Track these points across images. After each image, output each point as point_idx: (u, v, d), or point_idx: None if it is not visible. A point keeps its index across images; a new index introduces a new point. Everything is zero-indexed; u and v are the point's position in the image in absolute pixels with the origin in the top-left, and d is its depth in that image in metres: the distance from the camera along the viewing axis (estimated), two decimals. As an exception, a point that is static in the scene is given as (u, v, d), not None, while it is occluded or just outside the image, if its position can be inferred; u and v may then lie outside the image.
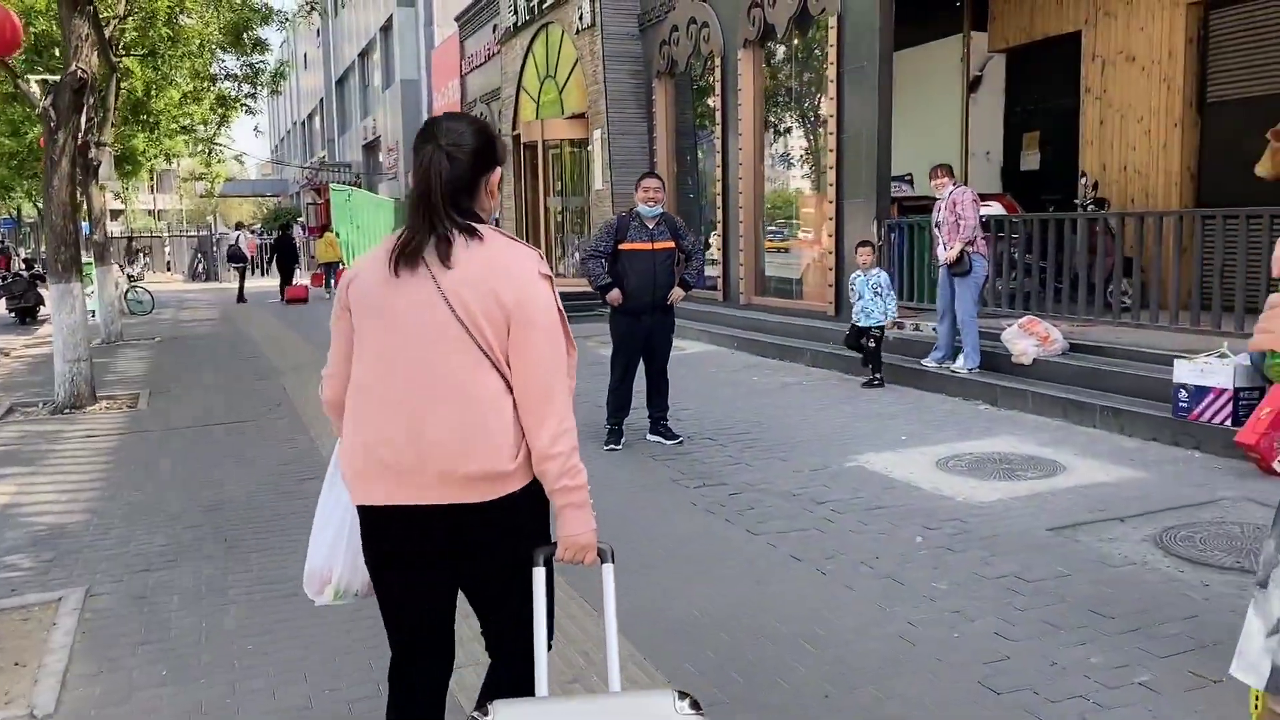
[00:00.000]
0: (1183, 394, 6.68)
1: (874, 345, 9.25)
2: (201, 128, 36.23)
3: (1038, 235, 9.37)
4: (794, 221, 13.80)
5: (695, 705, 2.03)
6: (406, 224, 2.27)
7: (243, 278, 25.60)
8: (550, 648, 2.38)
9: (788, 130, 14.12)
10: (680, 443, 7.25)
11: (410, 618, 2.44)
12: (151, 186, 64.69)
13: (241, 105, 27.65)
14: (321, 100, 55.13)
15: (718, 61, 13.93)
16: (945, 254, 8.80)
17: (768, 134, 13.87)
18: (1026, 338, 8.43)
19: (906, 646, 3.84)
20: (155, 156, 37.19)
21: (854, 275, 9.44)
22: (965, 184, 9.88)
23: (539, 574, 2.30)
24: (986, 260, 8.93)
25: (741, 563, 4.82)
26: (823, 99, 12.16)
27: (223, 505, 6.12)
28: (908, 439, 7.24)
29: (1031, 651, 3.75)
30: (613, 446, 7.12)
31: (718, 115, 14.04)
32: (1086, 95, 11.87)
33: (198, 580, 4.83)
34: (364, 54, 43.67)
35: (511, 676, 2.40)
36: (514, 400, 2.25)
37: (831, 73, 11.43)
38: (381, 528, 2.32)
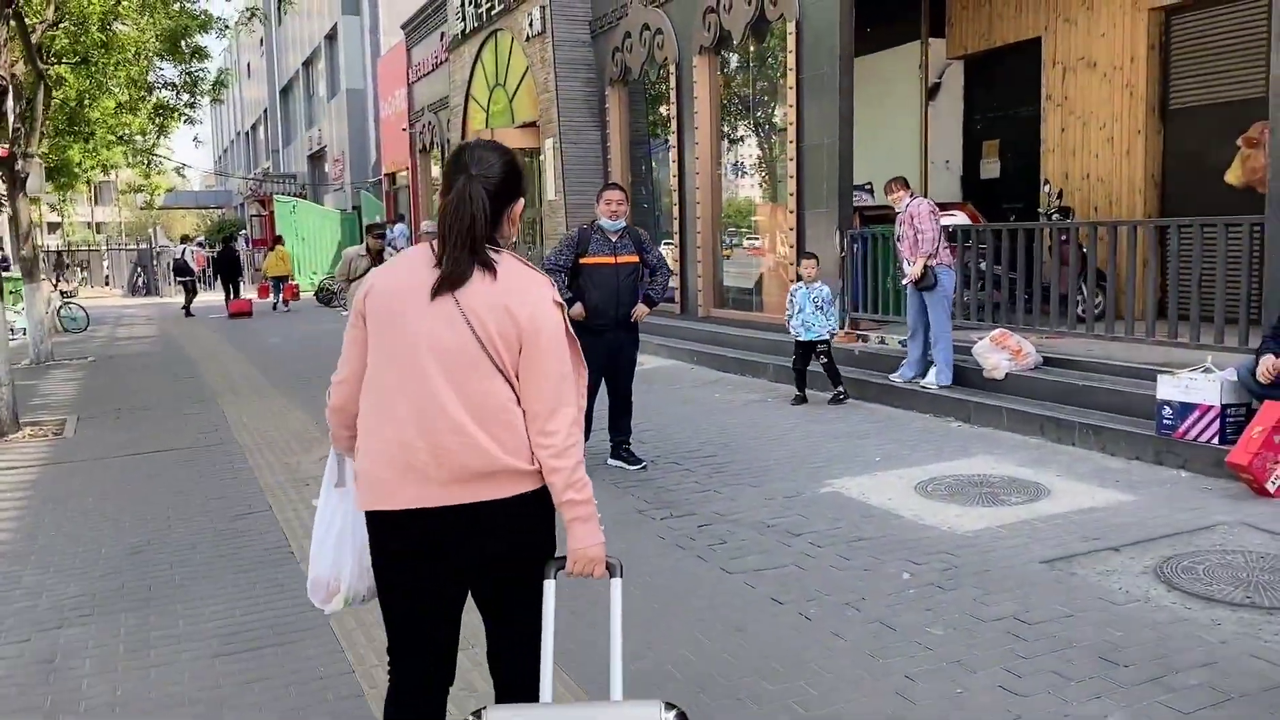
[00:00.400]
0: (1167, 411, 6.42)
1: (826, 360, 8.97)
2: (140, 138, 35.36)
3: (1006, 245, 9.11)
4: (753, 231, 13.50)
5: (682, 716, 2.10)
6: (446, 253, 2.35)
7: (192, 292, 24.89)
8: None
9: (745, 139, 13.83)
10: (644, 468, 6.86)
11: (415, 627, 2.47)
12: (90, 199, 63.03)
13: (181, 115, 26.91)
14: (266, 110, 54.15)
15: (672, 69, 13.60)
16: (909, 271, 8.50)
17: (724, 143, 13.56)
18: (998, 352, 8.16)
19: (906, 706, 3.47)
20: (92, 168, 36.19)
21: (795, 287, 9.15)
22: (925, 195, 9.60)
23: (549, 586, 2.38)
24: (954, 271, 8.65)
25: (718, 606, 4.44)
26: (781, 107, 11.88)
27: (149, 546, 5.62)
28: (882, 460, 6.91)
29: (1044, 709, 3.40)
30: None
31: (673, 124, 13.71)
32: (1047, 102, 11.69)
33: (115, 637, 4.35)
34: (308, 63, 42.88)
35: (509, 689, 2.52)
36: (524, 413, 2.37)
37: (790, 79, 11.14)
38: (397, 531, 2.38)
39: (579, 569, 2.39)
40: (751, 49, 12.76)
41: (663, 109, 14.39)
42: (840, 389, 8.95)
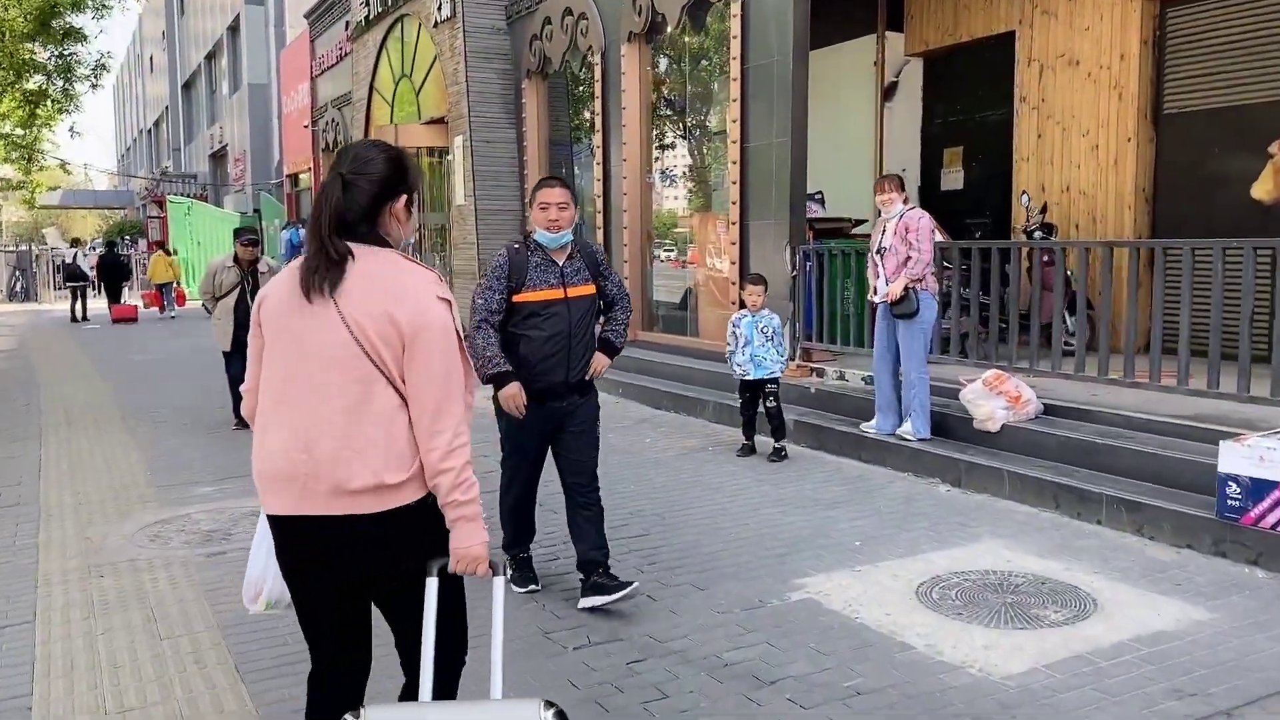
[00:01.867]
0: (1233, 488, 4.97)
1: (774, 404, 7.43)
2: (18, 131, 32.62)
3: (976, 266, 7.67)
4: (689, 245, 11.94)
5: (561, 715, 2.12)
6: (306, 250, 2.39)
7: (83, 297, 23.12)
8: (464, 662, 2.64)
9: (679, 139, 12.27)
10: (633, 589, 4.55)
11: (321, 625, 2.55)
12: (24, 199, 59.06)
13: (55, 103, 24.55)
14: (167, 107, 51.23)
15: (597, 59, 11.98)
16: (887, 289, 6.99)
17: (656, 144, 11.98)
18: (993, 398, 6.69)
19: None
20: (-32, 165, 33.35)
21: (738, 317, 7.60)
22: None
23: (431, 584, 2.39)
24: (935, 300, 7.17)
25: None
26: (722, 104, 10.35)
27: None
28: (863, 545, 5.36)
29: None
30: (529, 588, 4.76)
31: (597, 121, 12.08)
32: (1021, 105, 10.34)
33: None
34: (211, 56, 40.40)
35: (412, 688, 2.48)
36: (410, 416, 2.36)
37: (734, 69, 9.60)
38: (288, 537, 2.45)
39: (461, 568, 2.41)
40: (689, 36, 11.21)
41: (587, 105, 12.76)
42: (781, 446, 7.43)
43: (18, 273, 33.44)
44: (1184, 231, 8.46)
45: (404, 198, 2.47)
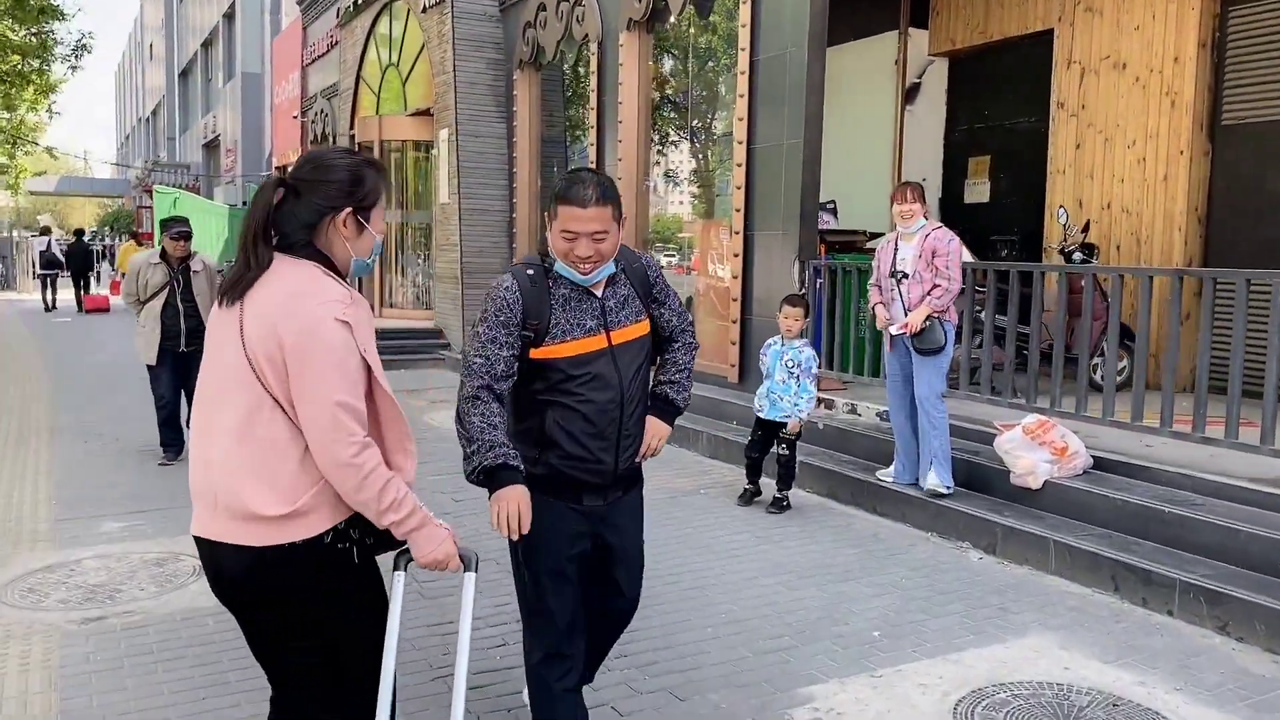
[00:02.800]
0: (1352, 588, 3.97)
1: (787, 453, 6.35)
2: (5, 113, 31.75)
3: (1002, 290, 6.68)
4: (691, 253, 10.95)
5: None
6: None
7: (53, 286, 23.13)
8: None
9: (681, 140, 11.30)
10: None
11: (251, 644, 2.42)
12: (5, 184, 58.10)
13: (33, 85, 23.66)
14: (164, 96, 50.24)
15: (594, 49, 10.99)
16: (908, 319, 5.98)
17: (656, 144, 11.00)
18: (1035, 449, 5.69)
19: None
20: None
21: (770, 342, 6.55)
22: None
23: (399, 579, 2.39)
24: (956, 330, 6.18)
25: None
26: (729, 101, 9.37)
27: None
28: (883, 636, 4.36)
29: None
30: None
31: (593, 116, 11.09)
32: (1059, 111, 9.36)
33: None
34: (207, 44, 39.44)
35: None
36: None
37: (743, 61, 8.60)
38: (201, 562, 2.34)
39: (432, 569, 2.35)
40: (693, 28, 10.23)
41: (582, 99, 11.78)
42: (785, 496, 6.38)
43: (-2, 261, 32.50)
44: (1239, 257, 7.49)
45: (346, 211, 2.30)
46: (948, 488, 5.87)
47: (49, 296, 22.85)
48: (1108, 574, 4.90)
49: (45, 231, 27.03)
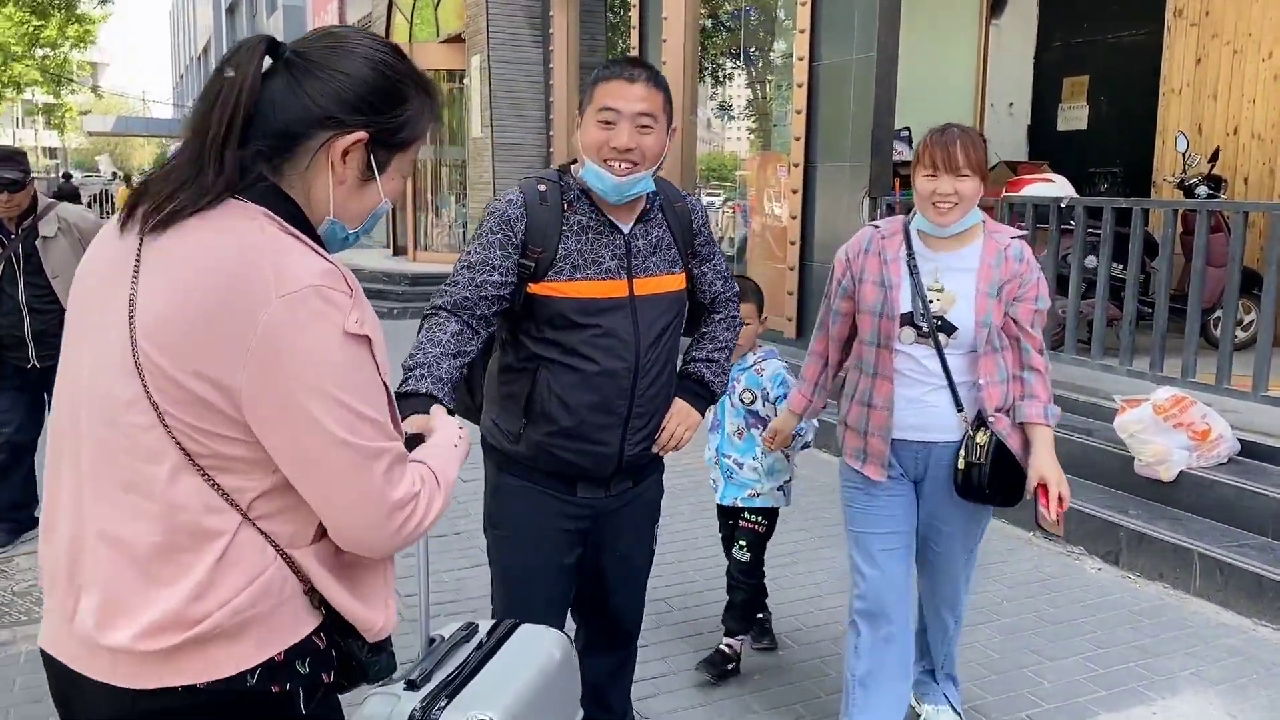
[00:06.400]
0: None
1: (749, 559, 3.37)
2: (49, 50, 31.38)
3: (1173, 233, 5.48)
4: (738, 195, 9.82)
5: None
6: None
7: None
8: None
9: (733, 65, 10.10)
10: None
11: None
12: (19, 120, 58.40)
13: (66, 19, 23.24)
14: (213, 33, 49.63)
15: (636, -41, 9.80)
16: (967, 427, 2.69)
17: (705, 69, 9.83)
18: (1167, 431, 4.54)
19: None
20: (3, 85, 32.33)
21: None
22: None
23: None
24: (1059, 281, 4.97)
25: None
26: (788, 19, 8.17)
27: None
28: (976, 689, 3.30)
29: None
30: None
31: (634, 34, 9.93)
32: (1175, 21, 7.99)
33: None
34: (253, -22, 38.52)
35: None
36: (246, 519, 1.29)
37: (805, -38, 7.39)
38: (49, 678, 1.41)
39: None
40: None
41: (624, 21, 10.60)
42: (769, 636, 3.57)
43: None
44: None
45: (358, 137, 1.33)
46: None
47: None
48: (1274, 602, 3.78)
49: (67, 177, 26.77)
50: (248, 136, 1.31)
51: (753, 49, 10.08)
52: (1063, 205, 5.72)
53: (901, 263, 2.69)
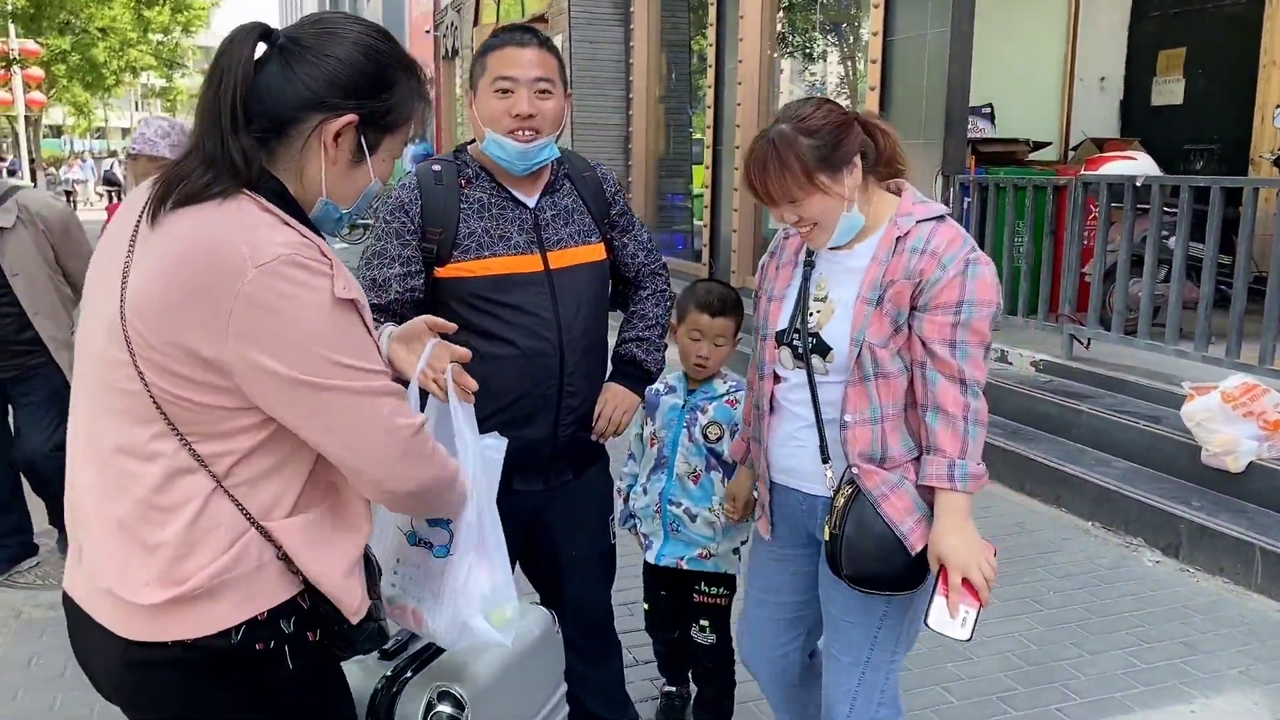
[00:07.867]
0: None
1: (713, 640, 2.77)
2: (161, 36, 32.45)
3: (1254, 212, 5.23)
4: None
5: None
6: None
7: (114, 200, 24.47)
8: None
9: (810, 37, 9.96)
10: None
11: None
12: (137, 103, 60.69)
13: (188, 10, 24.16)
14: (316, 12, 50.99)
15: (715, -64, 9.71)
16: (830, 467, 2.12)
17: (781, 46, 9.70)
18: (1236, 420, 4.36)
19: None
20: (121, 70, 33.63)
21: (658, 387, 2.72)
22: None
23: None
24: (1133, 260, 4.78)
25: None
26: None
27: None
28: (1014, 682, 3.23)
29: None
30: None
31: (711, 12, 9.86)
32: (1279, -12, 7.61)
33: None
34: (355, -42, 39.25)
35: None
36: (213, 489, 1.35)
37: (879, -67, 7.23)
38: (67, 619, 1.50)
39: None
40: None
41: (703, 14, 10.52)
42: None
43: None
44: None
45: (349, 119, 1.41)
46: None
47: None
48: (1340, 601, 3.62)
49: (112, 154, 27.99)
50: (245, 120, 1.38)
51: (832, 25, 9.91)
52: (1138, 185, 5.50)
53: (793, 267, 2.13)
